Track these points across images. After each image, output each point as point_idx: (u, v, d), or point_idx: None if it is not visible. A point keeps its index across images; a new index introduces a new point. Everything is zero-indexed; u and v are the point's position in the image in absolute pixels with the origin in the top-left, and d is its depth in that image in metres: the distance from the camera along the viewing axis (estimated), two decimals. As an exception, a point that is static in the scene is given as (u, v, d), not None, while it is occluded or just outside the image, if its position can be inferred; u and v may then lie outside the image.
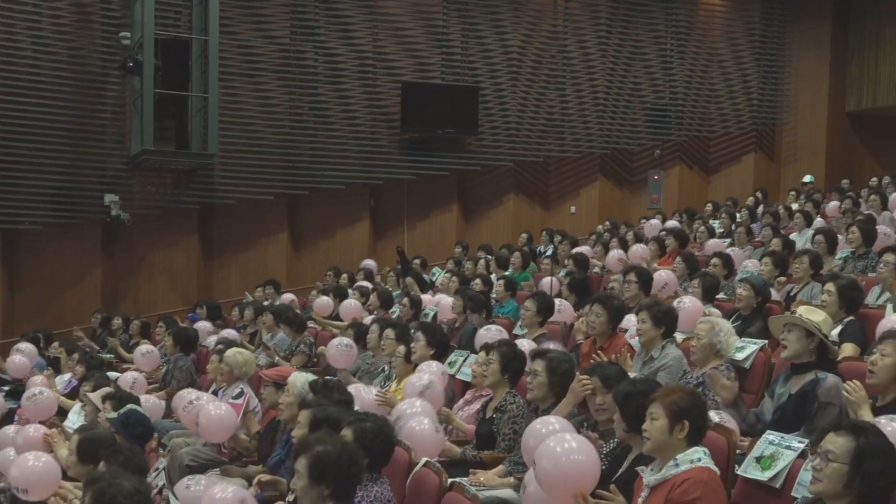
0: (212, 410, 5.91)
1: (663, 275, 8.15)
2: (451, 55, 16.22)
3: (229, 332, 10.17)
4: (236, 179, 14.79)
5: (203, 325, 10.84)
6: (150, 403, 7.03)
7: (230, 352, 6.93)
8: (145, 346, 9.53)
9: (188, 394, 6.57)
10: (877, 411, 4.02)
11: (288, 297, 12.27)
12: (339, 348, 7.30)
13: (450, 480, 4.26)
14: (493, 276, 10.55)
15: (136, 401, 5.92)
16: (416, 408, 5.22)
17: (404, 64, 15.87)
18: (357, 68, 15.58)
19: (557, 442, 3.69)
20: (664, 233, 11.13)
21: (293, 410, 5.20)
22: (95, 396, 6.09)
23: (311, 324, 9.79)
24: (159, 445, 6.13)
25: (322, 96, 15.38)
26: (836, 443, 3.07)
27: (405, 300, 9.41)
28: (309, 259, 15.66)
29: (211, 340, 9.57)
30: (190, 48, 13.77)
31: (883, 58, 17.12)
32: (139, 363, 9.14)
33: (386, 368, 7.11)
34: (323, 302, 10.64)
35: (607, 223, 14.93)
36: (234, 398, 6.49)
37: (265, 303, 11.66)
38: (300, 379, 5.51)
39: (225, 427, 5.90)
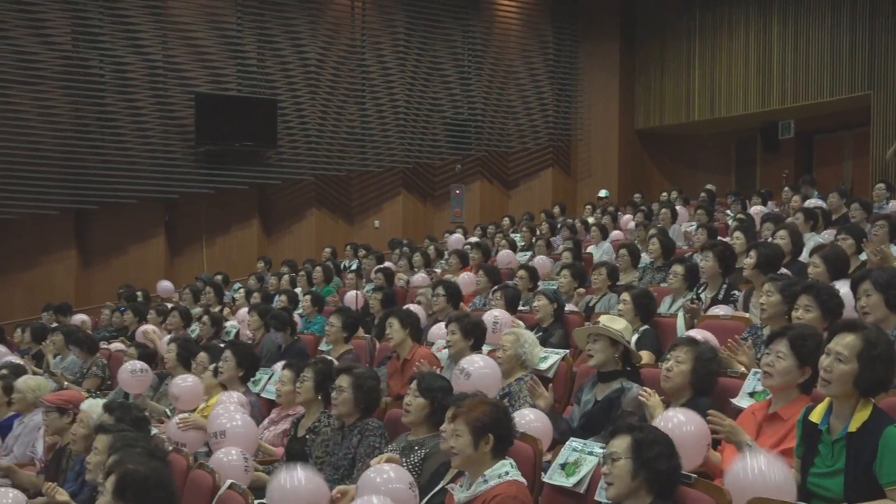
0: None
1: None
2: (247, 66, 15.87)
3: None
4: (16, 193, 13.82)
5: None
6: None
7: (20, 381, 6.53)
8: None
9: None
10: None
11: (79, 317, 11.66)
12: (134, 374, 6.92)
13: (256, 502, 4.17)
14: (298, 291, 10.39)
15: None
16: (236, 422, 5.09)
17: (198, 74, 15.35)
18: (147, 78, 14.93)
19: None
20: (468, 246, 11.28)
21: (89, 442, 4.86)
22: None
23: (103, 345, 9.32)
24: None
25: (110, 106, 14.63)
26: (616, 444, 3.31)
27: (205, 318, 9.10)
28: (100, 277, 14.86)
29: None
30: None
31: (667, 79, 18.19)
32: None
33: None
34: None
35: (402, 240, 14.66)
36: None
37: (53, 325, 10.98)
38: (96, 409, 5.17)
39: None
